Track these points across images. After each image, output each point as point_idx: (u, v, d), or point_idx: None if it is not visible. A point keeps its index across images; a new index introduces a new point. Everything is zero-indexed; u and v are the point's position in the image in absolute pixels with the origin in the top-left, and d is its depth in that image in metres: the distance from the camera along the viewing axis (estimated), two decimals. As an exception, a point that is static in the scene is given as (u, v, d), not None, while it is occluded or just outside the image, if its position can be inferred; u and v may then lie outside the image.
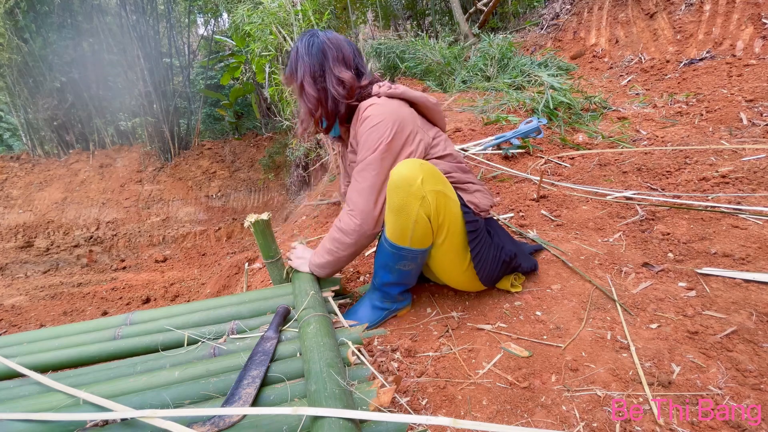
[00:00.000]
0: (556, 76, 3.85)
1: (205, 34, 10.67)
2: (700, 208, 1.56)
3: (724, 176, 1.79)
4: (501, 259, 1.19)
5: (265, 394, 0.90)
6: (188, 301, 4.57)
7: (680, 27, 3.95)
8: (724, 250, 1.31)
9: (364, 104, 1.17)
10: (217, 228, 7.64)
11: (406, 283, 1.24)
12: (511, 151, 2.47)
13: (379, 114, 1.12)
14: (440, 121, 1.29)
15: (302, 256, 1.38)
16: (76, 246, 7.19)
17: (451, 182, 1.18)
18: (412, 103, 1.23)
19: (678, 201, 1.66)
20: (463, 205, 1.14)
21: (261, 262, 2.45)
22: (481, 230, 1.16)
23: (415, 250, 1.11)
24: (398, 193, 1.04)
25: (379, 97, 1.18)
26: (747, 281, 1.17)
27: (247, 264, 1.85)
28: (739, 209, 1.51)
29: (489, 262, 1.17)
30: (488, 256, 1.16)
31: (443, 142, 1.24)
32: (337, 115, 1.23)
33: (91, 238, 7.29)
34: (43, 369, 1.12)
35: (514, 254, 1.23)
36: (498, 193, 2.12)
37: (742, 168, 1.82)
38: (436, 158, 1.21)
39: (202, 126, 9.92)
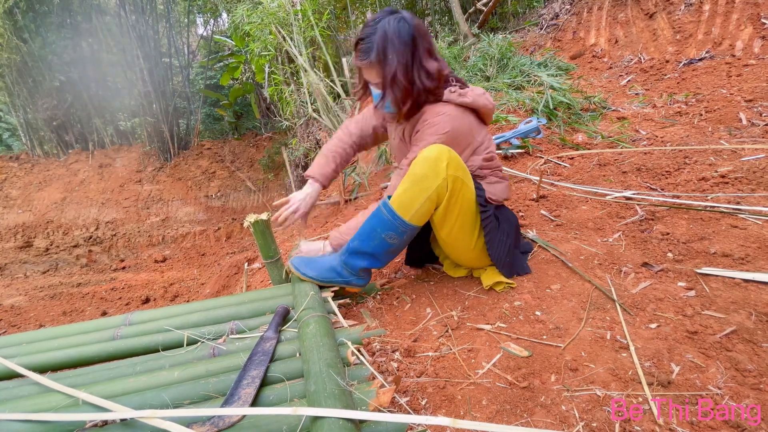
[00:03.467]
0: (556, 76, 3.85)
1: (205, 34, 10.66)
2: (699, 208, 1.56)
3: (723, 176, 1.79)
4: (508, 244, 1.29)
5: (265, 395, 0.90)
6: (188, 301, 4.56)
7: (680, 27, 3.95)
8: (724, 250, 1.31)
9: (433, 110, 1.20)
10: (216, 228, 7.64)
11: (377, 261, 1.25)
12: (510, 151, 2.47)
13: (444, 125, 1.18)
14: (490, 117, 1.34)
15: (312, 249, 1.40)
16: (75, 246, 7.18)
17: (476, 173, 1.28)
18: (474, 109, 1.26)
19: (677, 201, 1.66)
20: (480, 191, 1.25)
21: (260, 262, 2.44)
22: (490, 216, 1.26)
23: (410, 224, 1.17)
24: (423, 165, 1.12)
25: (448, 103, 1.21)
26: (746, 281, 1.17)
27: (246, 264, 1.85)
28: (739, 209, 1.51)
29: (496, 243, 1.27)
30: (495, 238, 1.26)
31: (486, 141, 1.32)
32: (420, 106, 1.22)
33: (91, 238, 7.28)
34: (42, 369, 1.12)
35: (514, 246, 1.34)
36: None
37: (742, 168, 1.83)
38: (473, 155, 1.29)
39: (202, 126, 9.92)
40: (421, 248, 1.52)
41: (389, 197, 1.20)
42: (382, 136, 1.50)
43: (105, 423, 0.83)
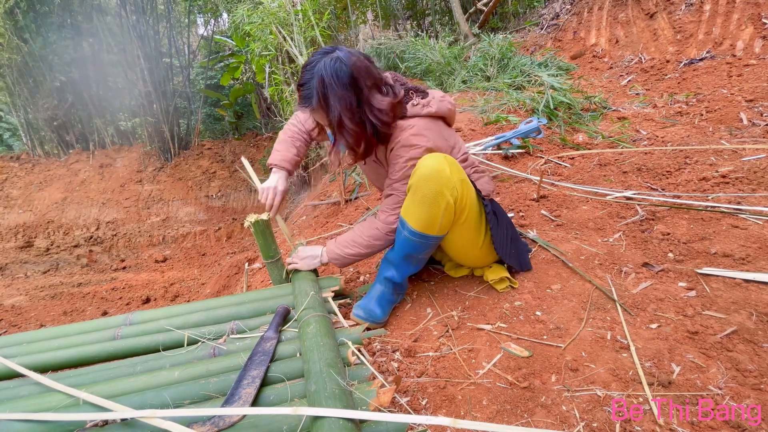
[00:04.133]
0: (556, 76, 3.85)
1: (205, 34, 10.66)
2: (700, 208, 1.56)
3: (724, 176, 1.79)
4: (509, 236, 1.30)
5: (265, 394, 0.90)
6: (188, 301, 4.56)
7: (680, 27, 3.95)
8: (724, 250, 1.31)
9: (402, 127, 1.17)
10: (217, 228, 7.64)
11: (418, 268, 1.33)
12: (511, 151, 2.47)
13: (418, 143, 1.16)
14: (453, 120, 1.33)
15: (309, 254, 1.40)
16: (76, 246, 7.19)
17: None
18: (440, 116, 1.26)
19: (678, 201, 1.66)
20: (477, 189, 1.26)
21: (261, 262, 2.45)
22: (490, 210, 1.27)
23: (440, 237, 1.20)
24: (430, 184, 1.10)
25: (414, 117, 1.19)
26: (747, 281, 1.17)
27: (247, 264, 1.85)
28: (739, 209, 1.51)
29: (500, 237, 1.28)
30: (498, 232, 1.28)
31: (458, 143, 1.33)
32: (378, 142, 1.20)
33: (91, 238, 7.28)
34: (43, 369, 1.12)
35: (516, 236, 1.36)
36: (498, 193, 2.11)
37: (742, 168, 1.82)
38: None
39: (202, 126, 9.92)
40: None
41: (404, 222, 1.18)
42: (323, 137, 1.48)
43: (105, 423, 0.84)
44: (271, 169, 1.43)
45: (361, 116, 1.12)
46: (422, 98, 1.23)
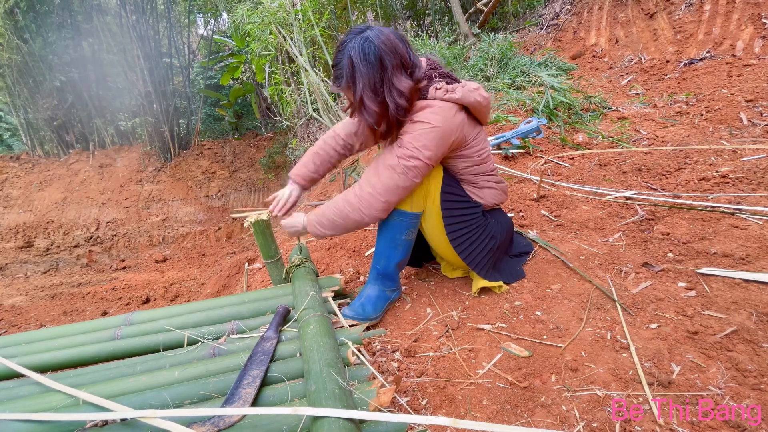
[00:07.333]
0: (556, 76, 3.85)
1: (205, 34, 10.67)
2: (700, 208, 1.56)
3: (724, 176, 1.79)
4: (489, 246, 1.29)
5: (265, 394, 0.90)
6: (188, 301, 4.56)
7: (680, 27, 3.94)
8: (724, 250, 1.31)
9: (420, 105, 1.15)
10: (217, 228, 7.64)
11: (407, 258, 1.33)
12: (511, 151, 2.47)
13: (430, 123, 1.12)
14: (486, 116, 1.28)
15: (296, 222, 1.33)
16: (76, 246, 7.19)
17: (464, 176, 1.28)
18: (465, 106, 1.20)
19: (678, 201, 1.66)
20: (460, 192, 1.26)
21: (261, 262, 2.45)
22: (470, 215, 1.27)
23: (416, 213, 1.23)
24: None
25: (434, 100, 1.16)
26: (747, 281, 1.17)
27: (247, 264, 1.85)
28: (739, 209, 1.51)
29: (473, 243, 1.27)
30: (470, 238, 1.27)
31: (480, 141, 1.27)
32: (399, 123, 1.18)
33: (91, 238, 7.28)
34: (42, 369, 1.12)
35: (503, 251, 1.37)
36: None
37: (742, 168, 1.82)
38: (460, 156, 1.24)
39: (202, 126, 9.93)
40: (418, 247, 1.51)
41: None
42: (368, 139, 1.45)
43: (105, 423, 0.84)
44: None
45: (384, 96, 1.11)
46: (448, 84, 1.19)
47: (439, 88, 1.15)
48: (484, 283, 1.31)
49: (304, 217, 1.31)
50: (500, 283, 1.32)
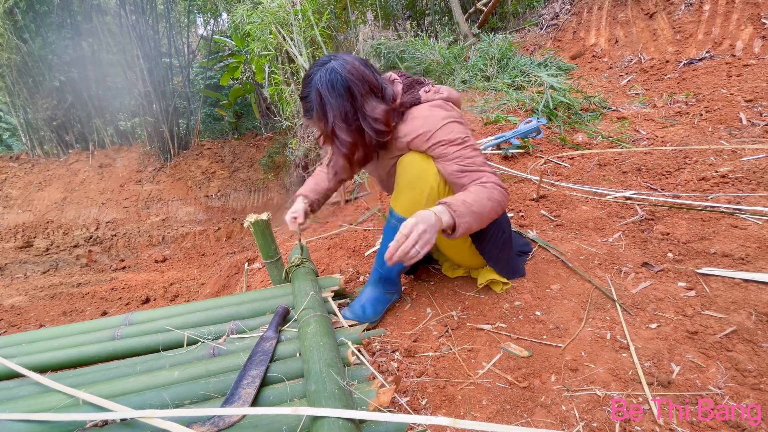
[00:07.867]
0: (556, 76, 3.85)
1: (205, 34, 10.65)
2: (699, 208, 1.56)
3: (723, 176, 1.79)
4: (502, 239, 1.27)
5: (265, 394, 0.90)
6: (188, 301, 4.56)
7: (680, 27, 3.95)
8: (724, 250, 1.31)
9: (417, 110, 1.16)
10: (216, 228, 7.63)
11: (402, 267, 1.30)
12: (510, 151, 2.47)
13: (438, 114, 1.13)
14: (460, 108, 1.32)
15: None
16: (75, 246, 7.18)
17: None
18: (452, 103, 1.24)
19: (678, 201, 1.66)
20: None
21: (261, 262, 2.45)
22: None
23: None
24: (413, 167, 1.13)
25: (428, 102, 1.18)
26: (746, 281, 1.17)
27: (246, 264, 1.85)
28: (739, 209, 1.51)
29: (489, 238, 1.25)
30: (487, 236, 1.24)
31: (469, 134, 1.28)
32: (378, 147, 1.19)
33: (91, 238, 7.28)
34: (42, 369, 1.12)
35: (509, 242, 1.33)
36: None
37: (742, 168, 1.82)
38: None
39: (202, 126, 9.92)
40: None
41: (392, 211, 1.21)
42: (343, 169, 1.36)
43: (105, 423, 0.83)
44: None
45: (357, 124, 1.12)
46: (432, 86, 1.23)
47: (428, 90, 1.19)
48: (492, 275, 1.31)
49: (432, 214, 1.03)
50: (502, 278, 1.32)
